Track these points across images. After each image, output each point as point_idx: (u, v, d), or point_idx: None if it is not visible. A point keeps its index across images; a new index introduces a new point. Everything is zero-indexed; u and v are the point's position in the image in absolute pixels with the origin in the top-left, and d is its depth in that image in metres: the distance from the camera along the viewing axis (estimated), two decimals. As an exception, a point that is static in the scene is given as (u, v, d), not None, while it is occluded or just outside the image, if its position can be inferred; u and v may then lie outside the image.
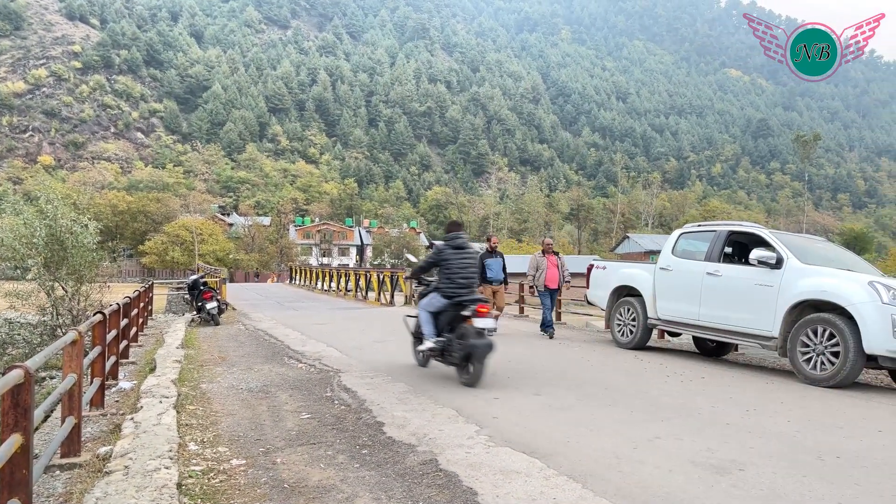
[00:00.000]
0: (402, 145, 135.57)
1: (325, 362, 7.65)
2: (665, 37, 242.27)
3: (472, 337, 6.20)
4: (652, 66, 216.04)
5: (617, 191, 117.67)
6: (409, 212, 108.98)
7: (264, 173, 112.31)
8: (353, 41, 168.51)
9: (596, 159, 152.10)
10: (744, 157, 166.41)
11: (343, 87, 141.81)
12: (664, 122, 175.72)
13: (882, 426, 4.97)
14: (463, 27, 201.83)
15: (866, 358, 6.40)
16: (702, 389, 6.33)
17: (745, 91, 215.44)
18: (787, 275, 7.12)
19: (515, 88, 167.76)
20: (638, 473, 3.59)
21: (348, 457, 4.00)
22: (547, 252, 11.06)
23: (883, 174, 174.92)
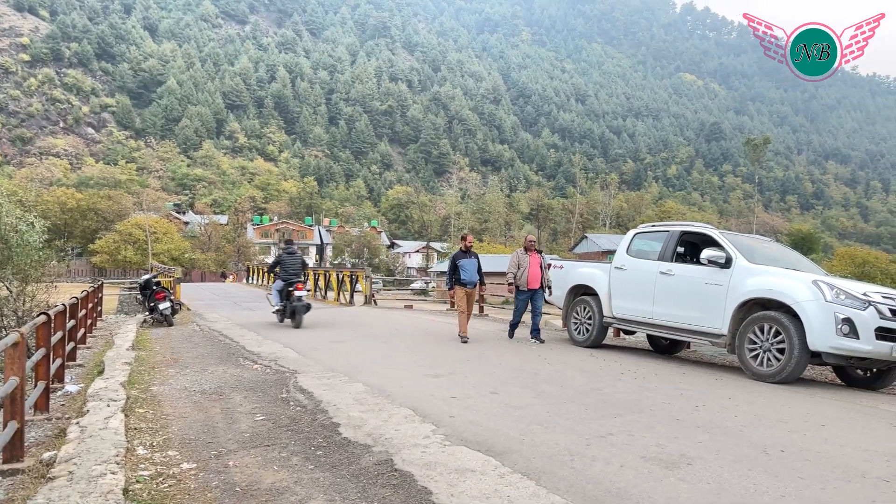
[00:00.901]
0: (363, 144, 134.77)
1: (281, 363, 7.55)
2: (622, 40, 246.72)
3: (295, 301, 11.85)
4: (610, 68, 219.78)
5: (576, 191, 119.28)
6: (370, 211, 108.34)
7: (221, 171, 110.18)
8: (313, 38, 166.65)
9: (555, 160, 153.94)
10: (698, 160, 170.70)
11: (303, 85, 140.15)
12: (622, 125, 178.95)
13: (825, 420, 5.16)
14: (424, 26, 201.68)
15: (811, 354, 6.63)
16: (654, 386, 6.47)
17: (699, 95, 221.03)
18: (735, 274, 7.33)
19: (476, 89, 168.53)
20: (590, 470, 3.65)
21: (303, 458, 3.95)
22: (529, 249, 10.21)
23: (829, 177, 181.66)
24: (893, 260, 65.41)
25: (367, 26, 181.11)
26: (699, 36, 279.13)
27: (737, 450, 4.13)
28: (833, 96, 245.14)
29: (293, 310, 11.87)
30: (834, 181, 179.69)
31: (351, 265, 69.69)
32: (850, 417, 5.36)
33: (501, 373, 7.06)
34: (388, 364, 7.56)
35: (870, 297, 6.55)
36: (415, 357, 8.19)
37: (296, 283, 12.20)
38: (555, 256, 38.58)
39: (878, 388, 7.16)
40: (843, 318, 6.37)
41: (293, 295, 11.98)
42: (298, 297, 11.87)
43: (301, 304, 11.85)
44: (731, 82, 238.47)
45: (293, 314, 11.87)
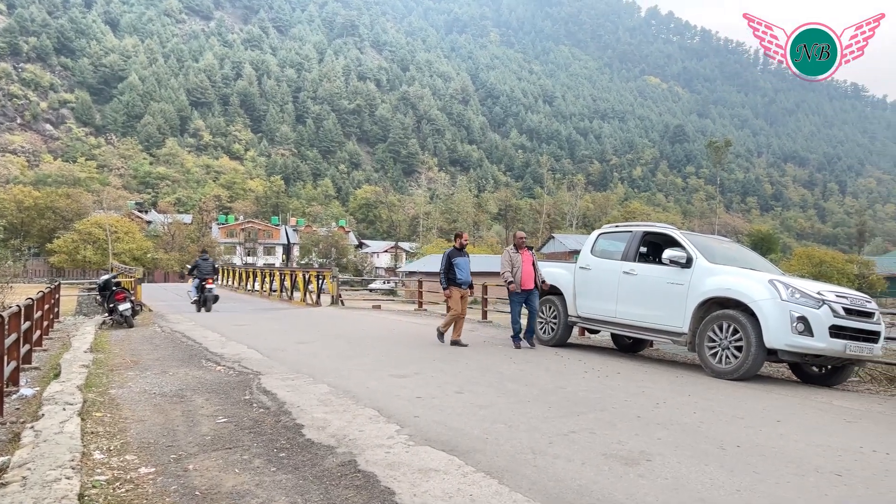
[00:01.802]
0: (331, 143, 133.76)
1: (244, 364, 7.46)
2: (589, 43, 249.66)
3: (206, 293, 16.24)
4: (577, 70, 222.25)
5: (543, 192, 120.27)
6: (337, 210, 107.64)
7: (185, 169, 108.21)
8: (279, 35, 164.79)
9: (523, 161, 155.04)
10: (662, 161, 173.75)
11: (269, 82, 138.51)
12: (588, 126, 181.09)
13: (780, 416, 5.30)
14: (392, 26, 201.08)
15: (767, 352, 6.81)
16: (617, 384, 6.58)
17: (664, 98, 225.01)
18: (695, 273, 7.49)
19: (445, 89, 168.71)
20: (552, 467, 3.69)
21: (265, 461, 3.91)
22: (520, 247, 9.46)
23: (788, 179, 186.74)
24: (849, 260, 67.51)
25: (335, 24, 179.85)
26: (663, 40, 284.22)
27: (695, 446, 4.22)
28: (792, 100, 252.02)
29: (205, 299, 16.50)
30: (792, 183, 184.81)
31: (318, 265, 69.12)
32: (804, 413, 5.52)
33: (467, 372, 7.09)
34: (353, 365, 7.53)
35: (824, 295, 6.76)
36: (381, 357, 8.17)
37: (207, 279, 16.72)
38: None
39: (832, 384, 7.39)
40: (798, 317, 6.56)
41: (205, 288, 16.55)
42: (209, 290, 16.60)
43: (211, 294, 16.64)
44: (693, 86, 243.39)
45: (205, 302, 16.50)
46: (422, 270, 51.34)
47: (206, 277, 16.80)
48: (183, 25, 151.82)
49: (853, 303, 6.89)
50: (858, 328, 6.74)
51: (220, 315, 15.45)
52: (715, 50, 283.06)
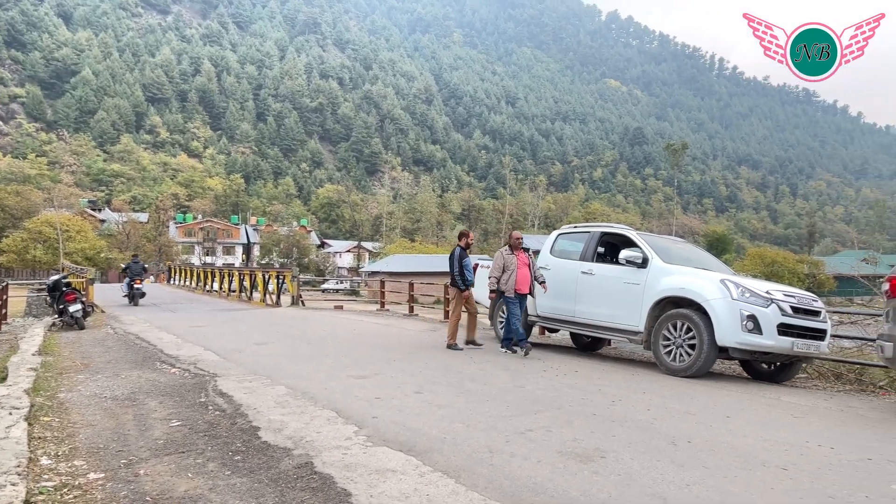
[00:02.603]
0: (293, 141, 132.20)
1: (200, 366, 7.32)
2: (551, 45, 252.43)
3: (135, 290, 19.65)
4: (539, 72, 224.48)
5: (506, 192, 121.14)
6: (299, 210, 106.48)
7: (141, 166, 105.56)
8: (240, 31, 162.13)
9: (486, 161, 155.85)
10: (622, 163, 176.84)
11: (229, 79, 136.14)
12: (550, 128, 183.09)
13: (730, 412, 5.45)
14: (355, 24, 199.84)
15: (719, 349, 7.00)
16: (574, 383, 6.67)
17: (623, 100, 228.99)
18: (651, 273, 7.65)
19: (409, 88, 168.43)
20: (508, 466, 3.73)
21: (219, 464, 3.85)
22: (516, 248, 8.89)
23: (742, 181, 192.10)
24: (800, 260, 69.91)
25: (297, 22, 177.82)
26: (623, 44, 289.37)
27: (648, 442, 4.31)
28: (746, 105, 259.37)
29: (133, 294, 19.89)
30: (746, 185, 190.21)
31: (279, 265, 68.23)
32: (753, 409, 5.69)
33: (427, 372, 7.10)
34: (312, 366, 7.46)
35: (772, 294, 6.98)
36: (341, 358, 8.12)
37: (136, 279, 20.02)
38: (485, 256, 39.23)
39: (781, 380, 7.63)
40: (748, 315, 6.76)
41: (133, 286, 19.90)
42: (138, 288, 19.93)
43: (139, 291, 19.95)
44: (652, 89, 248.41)
45: (133, 297, 19.84)
46: (385, 270, 51.15)
47: (136, 277, 20.08)
48: (139, 19, 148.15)
49: (800, 302, 7.13)
50: (805, 326, 6.97)
51: (177, 316, 15.13)
52: (672, 54, 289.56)
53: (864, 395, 6.98)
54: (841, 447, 4.38)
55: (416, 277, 29.02)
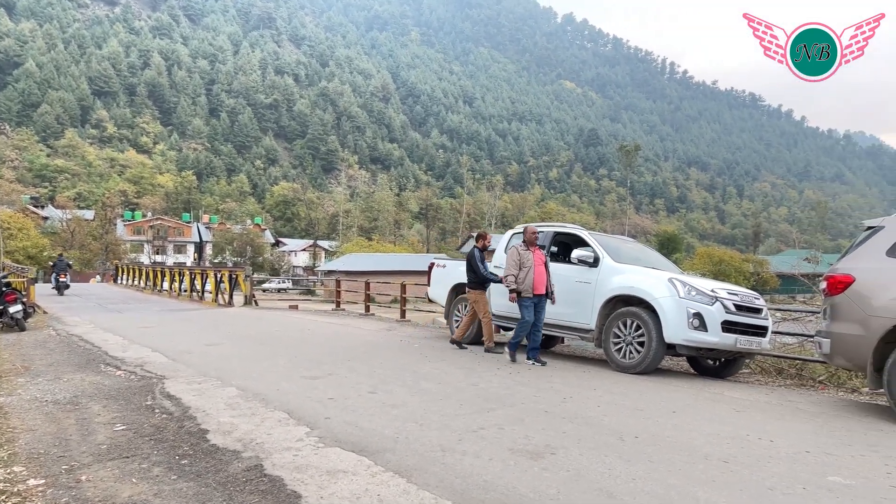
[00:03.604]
0: (247, 138, 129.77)
1: (147, 368, 7.12)
2: (508, 46, 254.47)
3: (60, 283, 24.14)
4: (496, 73, 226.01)
5: (463, 192, 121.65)
6: (253, 207, 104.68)
7: (87, 162, 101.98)
8: (191, 24, 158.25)
9: (444, 160, 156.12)
10: (577, 164, 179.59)
11: (180, 73, 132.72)
12: (507, 128, 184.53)
13: (676, 408, 5.61)
14: (311, 20, 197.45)
15: (667, 346, 7.20)
16: (527, 380, 6.75)
17: (578, 102, 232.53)
18: (602, 272, 7.80)
19: (366, 86, 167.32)
20: (460, 464, 3.75)
21: (165, 469, 3.76)
22: (532, 244, 8.11)
23: (692, 182, 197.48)
24: (746, 259, 72.37)
25: (251, 16, 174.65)
26: (578, 46, 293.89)
27: (596, 438, 4.40)
28: (695, 108, 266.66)
29: (59, 286, 23.87)
30: (696, 186, 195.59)
31: (233, 264, 66.92)
32: (698, 404, 5.86)
33: (382, 372, 7.08)
34: (265, 367, 7.35)
35: (717, 293, 7.21)
36: (294, 359, 8.02)
37: (60, 273, 24.21)
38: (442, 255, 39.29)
39: (725, 376, 7.89)
40: (694, 313, 6.97)
41: (59, 280, 24.10)
42: (63, 281, 24.10)
43: (63, 283, 24.09)
44: (606, 91, 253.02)
45: (59, 289, 23.78)
46: (341, 269, 50.76)
47: (61, 272, 24.50)
48: (85, 10, 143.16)
49: (743, 299, 7.38)
50: (748, 323, 7.23)
51: (123, 316, 14.70)
52: (626, 58, 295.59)
53: (803, 390, 7.27)
54: (780, 440, 4.56)
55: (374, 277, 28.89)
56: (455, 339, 9.24)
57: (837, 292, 5.70)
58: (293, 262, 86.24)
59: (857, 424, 5.25)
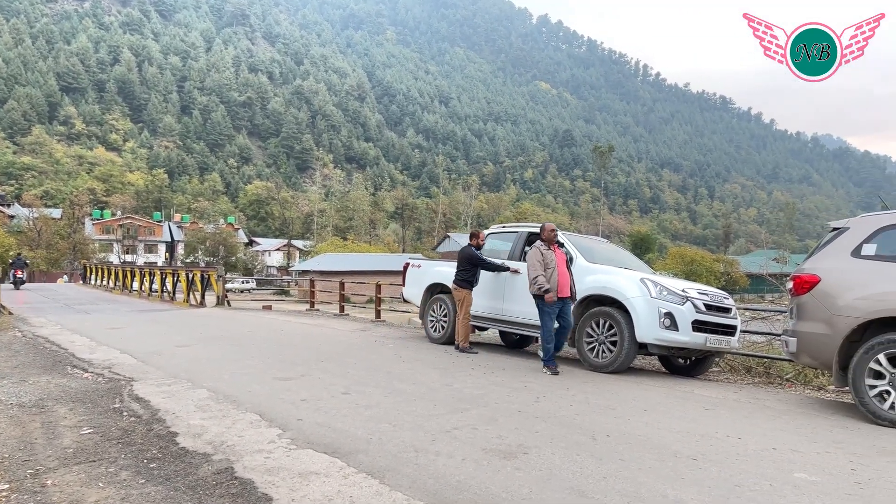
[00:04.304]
0: (220, 136, 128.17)
1: (116, 370, 6.99)
2: (484, 47, 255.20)
3: (16, 278, 26.58)
4: (472, 73, 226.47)
5: (439, 191, 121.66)
6: (226, 206, 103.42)
7: (55, 159, 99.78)
8: (162, 20, 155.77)
9: (420, 160, 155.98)
10: (552, 164, 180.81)
11: (151, 70, 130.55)
12: (482, 128, 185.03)
13: (647, 406, 5.68)
14: (286, 18, 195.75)
15: (639, 346, 7.29)
16: (501, 380, 6.78)
17: (553, 103, 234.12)
18: (575, 272, 7.86)
19: (341, 85, 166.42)
20: (433, 465, 3.75)
21: (133, 472, 3.69)
22: (551, 243, 7.59)
23: (665, 184, 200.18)
24: (716, 259, 73.58)
25: (224, 13, 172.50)
26: (553, 47, 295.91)
27: (569, 437, 4.44)
28: (668, 110, 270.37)
29: (16, 281, 26.15)
30: (668, 187, 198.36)
31: (205, 264, 66.03)
32: (669, 402, 5.94)
33: (355, 372, 7.04)
34: (236, 368, 7.26)
35: (687, 293, 7.31)
36: (266, 360, 7.95)
37: (16, 269, 26.60)
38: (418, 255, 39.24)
39: (695, 374, 8.01)
40: (665, 313, 7.06)
41: (16, 275, 26.31)
42: (19, 277, 26.40)
43: (20, 279, 26.34)
44: (581, 92, 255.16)
45: (16, 283, 26.03)
46: (316, 269, 50.39)
47: (17, 269, 26.68)
48: (54, 5, 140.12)
49: (713, 299, 7.50)
50: (717, 322, 7.35)
51: (91, 317, 14.40)
52: (600, 59, 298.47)
53: (771, 388, 7.42)
54: (748, 437, 4.64)
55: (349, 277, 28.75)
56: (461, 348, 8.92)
57: (803, 292, 5.82)
58: (267, 262, 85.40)
59: (823, 422, 5.37)
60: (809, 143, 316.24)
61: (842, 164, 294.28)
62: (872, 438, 4.77)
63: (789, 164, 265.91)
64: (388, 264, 48.27)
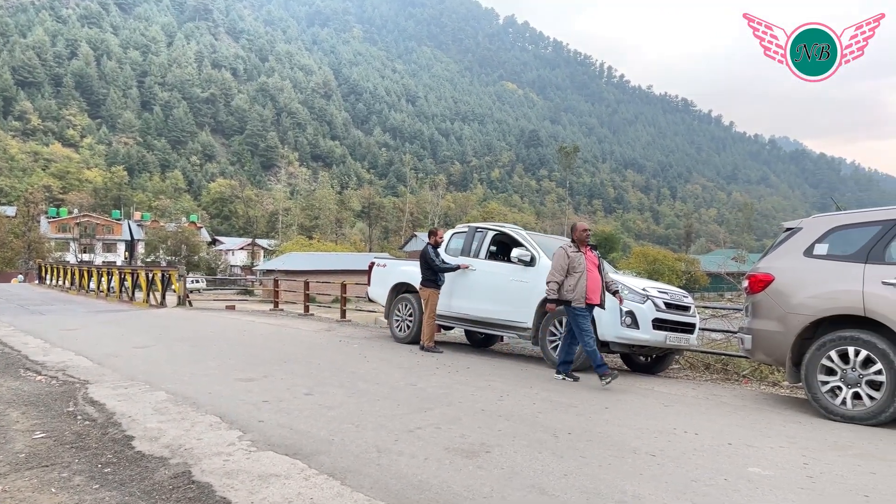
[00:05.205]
0: (182, 132, 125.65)
1: (70, 373, 6.80)
2: (451, 46, 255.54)
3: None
4: (439, 72, 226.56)
5: (406, 190, 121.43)
6: (189, 205, 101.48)
7: (9, 156, 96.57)
8: (122, 14, 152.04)
9: (387, 159, 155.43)
10: (518, 164, 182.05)
11: (110, 64, 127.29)
12: (450, 127, 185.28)
13: (608, 404, 5.76)
14: (250, 13, 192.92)
15: (601, 344, 7.38)
16: (465, 379, 6.80)
17: (520, 103, 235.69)
18: (539, 271, 7.93)
19: (307, 82, 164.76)
20: (396, 465, 3.74)
21: (87, 477, 3.60)
22: (582, 244, 6.98)
23: (628, 184, 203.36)
24: (678, 258, 75.09)
25: (186, 7, 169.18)
26: (519, 48, 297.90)
27: (531, 435, 4.47)
28: (632, 112, 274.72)
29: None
30: (632, 188, 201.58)
31: (166, 263, 64.70)
32: (629, 400, 6.04)
33: (319, 373, 6.99)
34: (196, 369, 7.14)
35: (648, 291, 7.44)
36: (228, 361, 7.82)
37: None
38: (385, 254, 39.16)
39: (656, 372, 8.16)
40: (627, 311, 7.18)
41: None
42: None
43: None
44: (547, 93, 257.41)
45: None
46: (281, 269, 49.81)
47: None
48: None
49: (672, 298, 7.65)
50: (677, 321, 7.49)
51: (46, 318, 13.97)
52: (566, 60, 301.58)
53: (728, 384, 7.60)
54: (704, 433, 4.74)
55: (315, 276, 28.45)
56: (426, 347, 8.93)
57: (758, 290, 5.97)
58: (231, 262, 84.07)
59: (777, 417, 5.52)
60: (767, 145, 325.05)
61: (798, 166, 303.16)
62: (824, 433, 4.91)
63: (748, 165, 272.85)
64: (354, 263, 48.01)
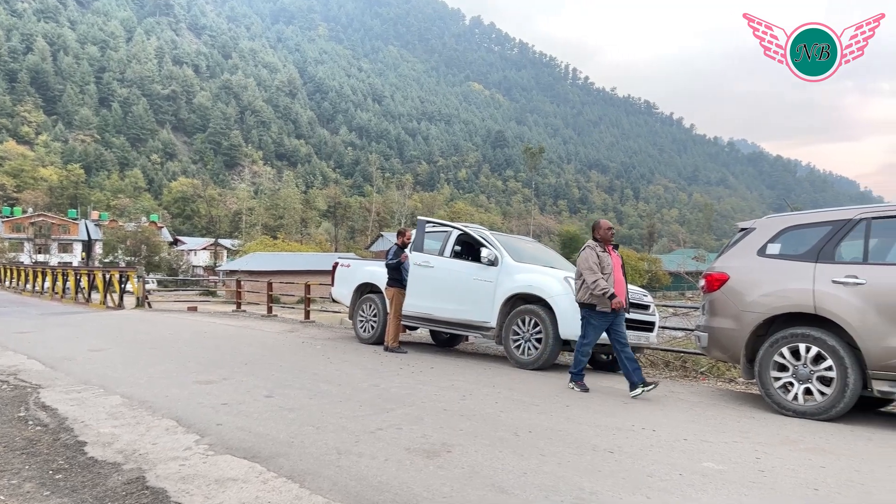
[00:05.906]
0: (142, 130, 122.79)
1: (21, 377, 6.59)
2: (417, 46, 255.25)
3: None
4: (405, 72, 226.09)
5: (373, 190, 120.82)
6: (149, 204, 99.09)
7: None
8: (80, 8, 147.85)
9: (353, 158, 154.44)
10: (485, 165, 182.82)
11: (67, 59, 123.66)
12: (416, 127, 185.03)
13: (569, 402, 5.82)
14: (212, 9, 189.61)
15: (563, 342, 7.47)
16: (429, 379, 6.80)
17: (486, 104, 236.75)
18: (502, 271, 7.99)
19: (271, 80, 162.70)
20: (356, 466, 3.72)
21: (38, 484, 3.50)
22: (607, 243, 6.60)
23: (593, 185, 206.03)
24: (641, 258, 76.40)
25: (146, 1, 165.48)
26: (486, 49, 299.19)
27: (493, 434, 4.50)
28: (596, 113, 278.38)
29: None
30: (596, 188, 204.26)
31: (125, 264, 63.14)
32: (590, 398, 6.11)
33: (280, 375, 6.90)
34: (154, 372, 6.98)
35: (609, 291, 7.53)
36: (187, 363, 7.68)
37: None
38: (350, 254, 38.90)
39: (617, 370, 8.26)
40: (587, 310, 7.25)
41: None
42: None
43: None
44: (513, 94, 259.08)
45: None
46: (244, 269, 49.08)
47: None
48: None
49: (632, 296, 7.77)
50: (636, 319, 7.62)
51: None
52: (531, 62, 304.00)
53: (687, 381, 7.76)
54: (661, 429, 4.83)
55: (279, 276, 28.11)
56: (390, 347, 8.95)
57: (714, 289, 6.12)
58: (193, 262, 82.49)
59: (732, 412, 5.65)
60: (726, 147, 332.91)
61: (756, 168, 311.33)
62: (777, 428, 5.05)
63: (708, 167, 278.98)
64: (319, 263, 47.52)
